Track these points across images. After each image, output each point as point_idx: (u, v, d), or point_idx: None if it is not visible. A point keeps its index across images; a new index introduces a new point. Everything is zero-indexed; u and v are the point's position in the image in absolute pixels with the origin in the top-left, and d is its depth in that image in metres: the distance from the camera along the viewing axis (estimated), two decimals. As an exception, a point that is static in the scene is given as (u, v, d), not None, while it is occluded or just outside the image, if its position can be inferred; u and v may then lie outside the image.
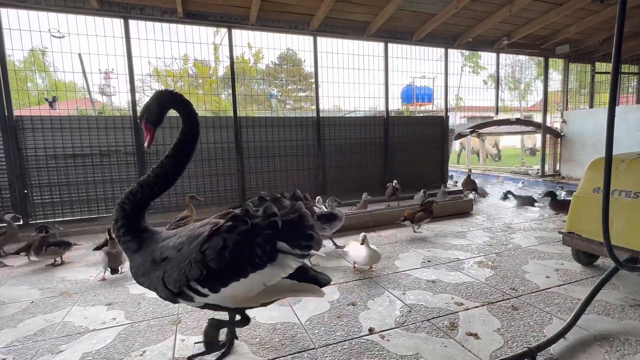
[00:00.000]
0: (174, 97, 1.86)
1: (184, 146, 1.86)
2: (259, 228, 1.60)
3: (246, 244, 1.57)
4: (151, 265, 1.68)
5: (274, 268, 1.62)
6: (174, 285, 1.60)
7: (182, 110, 1.87)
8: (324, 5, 5.78)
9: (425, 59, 7.81)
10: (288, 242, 1.62)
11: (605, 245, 1.91)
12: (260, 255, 1.58)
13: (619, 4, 1.66)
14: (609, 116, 1.73)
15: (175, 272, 1.59)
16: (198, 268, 1.56)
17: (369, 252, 3.11)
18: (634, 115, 8.09)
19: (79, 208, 5.40)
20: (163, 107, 1.85)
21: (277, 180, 6.64)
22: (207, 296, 1.61)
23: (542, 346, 1.92)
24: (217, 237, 1.58)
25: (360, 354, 2.00)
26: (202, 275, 1.56)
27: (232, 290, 1.60)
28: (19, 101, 5.23)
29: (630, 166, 2.78)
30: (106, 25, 5.39)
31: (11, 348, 2.15)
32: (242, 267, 1.58)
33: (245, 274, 1.59)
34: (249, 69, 14.60)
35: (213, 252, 1.56)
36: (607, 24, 7.72)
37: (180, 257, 1.62)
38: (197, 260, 1.57)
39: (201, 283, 1.58)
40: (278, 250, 1.62)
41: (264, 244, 1.58)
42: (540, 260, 3.44)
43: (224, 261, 1.56)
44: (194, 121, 1.88)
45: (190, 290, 1.60)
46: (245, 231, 1.58)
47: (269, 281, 1.64)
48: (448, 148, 8.38)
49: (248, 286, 1.61)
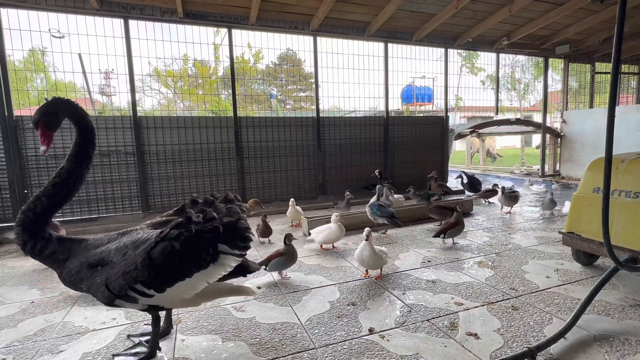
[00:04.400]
0: (68, 107, 1.87)
1: (79, 157, 1.87)
2: (202, 233, 1.73)
3: (192, 248, 1.71)
4: (89, 271, 1.76)
5: (215, 267, 1.79)
6: (120, 288, 1.69)
7: (76, 121, 1.89)
8: (324, 5, 5.78)
9: (425, 59, 7.81)
10: (228, 243, 1.78)
11: (605, 245, 1.91)
12: (205, 257, 1.73)
13: (619, 4, 1.66)
14: (609, 116, 1.73)
15: (122, 276, 1.69)
16: (146, 271, 1.67)
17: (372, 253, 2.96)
18: (634, 115, 8.10)
19: (79, 208, 5.40)
20: (55, 112, 1.84)
21: (277, 180, 6.64)
22: (152, 297, 1.74)
23: (542, 346, 1.92)
24: (164, 243, 1.70)
25: (360, 354, 2.00)
26: (149, 277, 1.68)
27: (177, 289, 1.75)
28: (19, 101, 5.23)
29: (630, 166, 2.78)
30: (106, 25, 5.39)
31: (11, 348, 2.15)
32: (188, 268, 1.73)
33: (190, 274, 1.74)
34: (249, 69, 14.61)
35: (161, 256, 1.68)
36: (607, 24, 7.72)
37: (126, 262, 1.71)
38: (145, 264, 1.67)
39: (147, 285, 1.70)
40: (220, 252, 1.77)
41: (207, 247, 1.73)
42: (540, 260, 3.44)
43: (172, 264, 1.69)
44: (88, 132, 1.90)
45: (134, 292, 1.71)
46: (189, 237, 1.71)
47: (211, 279, 1.81)
48: (448, 148, 8.38)
49: (192, 284, 1.78)
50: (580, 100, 10.11)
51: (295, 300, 2.68)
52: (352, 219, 4.77)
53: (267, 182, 6.57)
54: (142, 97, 13.48)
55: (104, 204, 5.51)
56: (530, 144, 22.82)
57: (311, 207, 6.34)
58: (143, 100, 13.90)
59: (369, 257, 2.96)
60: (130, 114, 5.60)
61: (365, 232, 3.03)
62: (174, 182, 5.90)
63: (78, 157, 1.87)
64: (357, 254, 3.05)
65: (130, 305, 1.78)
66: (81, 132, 1.89)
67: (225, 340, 2.17)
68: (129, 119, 5.57)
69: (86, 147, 1.90)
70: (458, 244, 4.03)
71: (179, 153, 5.92)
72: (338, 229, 3.76)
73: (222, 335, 2.23)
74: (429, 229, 4.74)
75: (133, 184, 5.65)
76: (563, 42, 8.55)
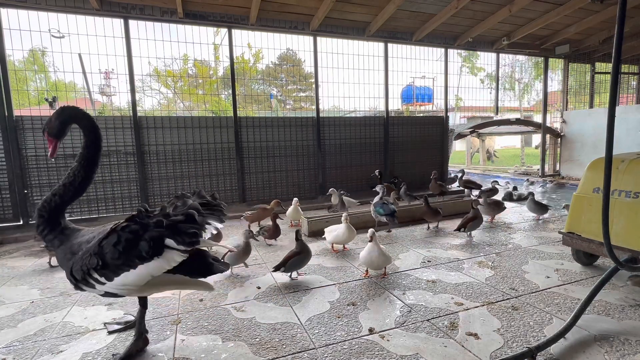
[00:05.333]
0: (75, 112, 2.06)
1: (88, 157, 2.06)
2: (147, 226, 1.83)
3: (136, 240, 1.81)
4: (69, 257, 1.95)
5: (159, 261, 1.84)
6: (78, 273, 1.86)
7: (82, 124, 2.06)
8: (324, 5, 5.78)
9: (425, 59, 7.81)
10: (174, 238, 1.83)
11: (605, 245, 1.91)
12: (147, 250, 1.80)
13: (619, 4, 1.66)
14: (609, 116, 1.73)
15: (79, 263, 1.86)
16: (96, 259, 1.81)
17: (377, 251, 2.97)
18: (634, 115, 8.10)
19: (79, 208, 5.40)
20: (64, 122, 2.05)
21: (277, 180, 6.64)
22: (104, 284, 1.86)
23: (542, 346, 1.92)
24: (113, 234, 1.83)
25: (360, 354, 2.00)
26: (98, 265, 1.81)
27: (124, 279, 1.84)
28: (19, 101, 5.23)
29: (630, 166, 2.78)
30: (106, 25, 5.39)
31: (11, 348, 2.15)
32: (131, 259, 1.82)
33: (134, 265, 1.82)
34: (249, 69, 14.61)
35: (109, 246, 1.81)
36: (607, 24, 7.72)
37: (85, 251, 1.88)
38: (95, 253, 1.82)
39: (99, 272, 1.83)
40: (165, 246, 1.83)
41: (149, 240, 1.81)
42: (540, 260, 3.44)
43: (117, 254, 1.80)
44: (95, 133, 2.08)
45: (91, 279, 1.85)
46: (135, 229, 1.82)
47: (155, 272, 1.86)
48: (448, 148, 8.37)
49: (137, 276, 1.85)
50: (580, 100, 10.11)
51: (295, 300, 2.68)
52: (352, 219, 4.77)
53: (267, 182, 6.57)
54: (142, 97, 13.49)
55: (104, 204, 5.51)
56: (530, 144, 22.83)
57: (311, 207, 6.34)
58: (143, 100, 13.91)
59: (378, 257, 2.97)
60: (130, 114, 5.60)
61: (370, 233, 3.03)
62: (174, 182, 5.90)
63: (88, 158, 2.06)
64: (364, 256, 3.03)
65: (91, 291, 1.91)
66: (88, 135, 2.06)
67: (225, 340, 2.17)
68: (129, 119, 5.57)
69: (95, 148, 2.08)
70: (474, 237, 4.07)
71: (179, 153, 5.92)
72: (347, 230, 3.68)
73: (222, 335, 2.23)
74: (429, 229, 4.74)
75: (133, 184, 5.65)
76: (563, 42, 8.55)
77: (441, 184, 6.48)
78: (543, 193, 7.77)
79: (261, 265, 3.51)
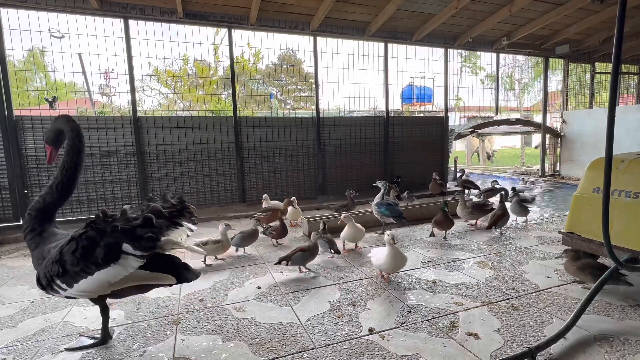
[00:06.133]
0: (63, 119, 2.17)
1: (70, 161, 2.13)
2: (104, 232, 1.81)
3: (91, 246, 1.79)
4: (40, 262, 1.96)
5: (116, 268, 1.81)
6: (43, 279, 1.87)
7: (66, 128, 2.15)
8: (324, 5, 5.78)
9: (425, 59, 7.81)
10: (132, 243, 1.80)
11: (605, 245, 1.91)
12: (103, 257, 1.78)
13: (619, 4, 1.66)
14: (609, 116, 1.73)
15: (43, 270, 1.87)
16: (57, 267, 1.82)
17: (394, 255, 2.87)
18: (634, 115, 8.10)
19: (79, 208, 5.40)
20: (56, 130, 2.17)
21: (277, 180, 6.64)
22: (65, 290, 1.85)
23: (542, 346, 1.92)
24: (72, 241, 1.82)
25: (360, 354, 2.00)
26: (59, 273, 1.81)
27: (82, 285, 1.83)
28: (19, 101, 5.23)
29: (630, 166, 2.77)
30: (106, 25, 5.40)
31: (11, 348, 2.15)
32: (88, 266, 1.80)
33: (91, 272, 1.81)
34: (249, 69, 14.61)
35: (68, 253, 1.80)
36: (607, 24, 7.72)
37: (49, 258, 1.88)
38: (57, 260, 1.82)
39: (60, 279, 1.84)
40: (122, 252, 1.80)
41: (105, 246, 1.79)
42: (540, 260, 3.44)
43: (75, 261, 1.79)
44: (77, 137, 2.15)
45: (55, 285, 1.86)
46: (91, 236, 1.80)
47: (113, 279, 1.83)
48: (448, 148, 8.37)
49: (95, 282, 1.83)
50: (580, 100, 10.11)
51: (295, 300, 2.68)
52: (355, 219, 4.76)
53: (267, 182, 6.57)
54: (142, 97, 13.49)
55: (104, 204, 5.51)
56: (530, 144, 22.82)
57: (311, 207, 6.34)
58: (143, 100, 13.91)
59: (402, 260, 2.93)
60: (130, 114, 5.60)
61: (389, 236, 2.89)
62: (174, 182, 5.91)
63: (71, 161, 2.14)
64: (387, 260, 2.88)
65: (58, 295, 1.92)
66: (70, 139, 2.14)
67: (225, 340, 2.17)
68: (129, 119, 5.57)
69: (76, 152, 2.15)
70: (497, 233, 4.04)
71: (179, 153, 5.92)
72: (354, 229, 3.81)
73: (222, 335, 2.23)
74: (429, 229, 4.73)
75: (133, 184, 5.65)
76: (563, 42, 8.55)
77: (441, 184, 6.48)
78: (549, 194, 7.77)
79: (261, 265, 3.51)
